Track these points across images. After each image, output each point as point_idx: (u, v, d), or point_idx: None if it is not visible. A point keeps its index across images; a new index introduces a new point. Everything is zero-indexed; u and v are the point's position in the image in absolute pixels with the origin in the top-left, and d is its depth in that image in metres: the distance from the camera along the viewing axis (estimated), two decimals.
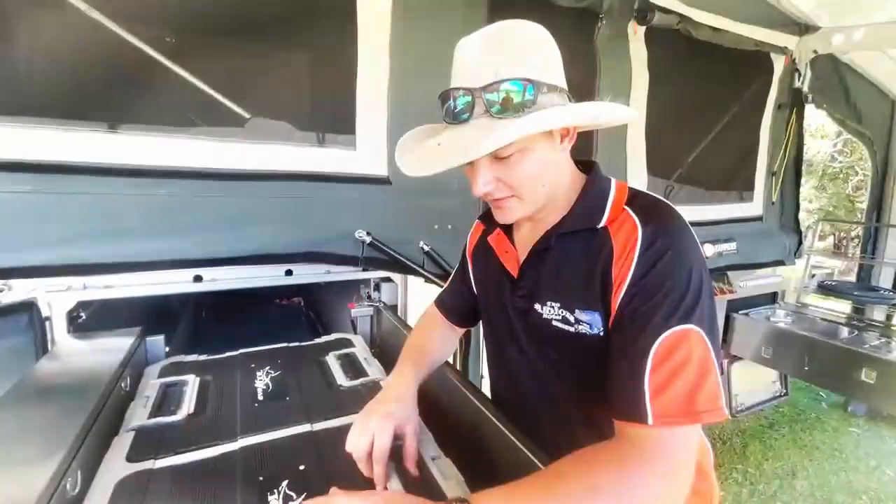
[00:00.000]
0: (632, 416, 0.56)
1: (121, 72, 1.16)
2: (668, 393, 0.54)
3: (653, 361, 0.56)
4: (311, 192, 1.35)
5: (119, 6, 1.10)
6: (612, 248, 0.64)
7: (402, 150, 0.76)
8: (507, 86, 0.61)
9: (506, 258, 0.81)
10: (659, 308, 0.58)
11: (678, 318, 0.57)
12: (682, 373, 0.55)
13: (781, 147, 2.63)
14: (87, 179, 1.09)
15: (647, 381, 0.55)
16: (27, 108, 1.06)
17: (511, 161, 0.65)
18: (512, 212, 0.71)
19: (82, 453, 0.66)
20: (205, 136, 1.23)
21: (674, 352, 0.55)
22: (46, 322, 1.08)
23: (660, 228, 0.62)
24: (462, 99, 0.63)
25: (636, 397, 0.55)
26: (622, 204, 0.68)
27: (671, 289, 0.58)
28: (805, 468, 2.53)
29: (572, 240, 0.70)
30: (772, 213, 2.71)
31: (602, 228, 0.67)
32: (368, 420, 0.68)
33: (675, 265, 0.59)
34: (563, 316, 0.69)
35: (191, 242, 1.19)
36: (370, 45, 1.39)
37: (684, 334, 0.56)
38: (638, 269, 0.60)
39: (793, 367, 2.36)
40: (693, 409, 0.54)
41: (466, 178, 0.72)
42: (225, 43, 1.30)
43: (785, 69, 2.52)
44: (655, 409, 0.54)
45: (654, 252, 0.60)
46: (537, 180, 0.67)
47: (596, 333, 0.66)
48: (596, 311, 0.65)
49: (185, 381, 0.98)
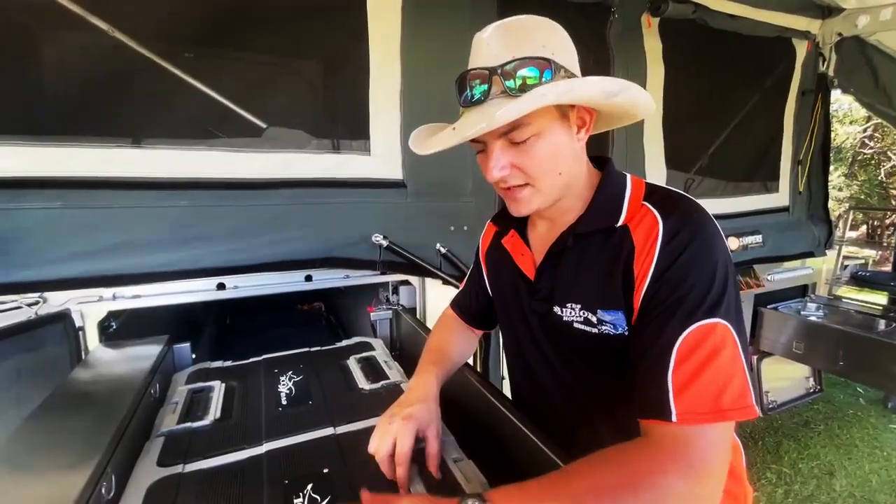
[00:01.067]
0: (655, 414, 0.54)
1: (143, 88, 1.20)
2: (692, 389, 0.52)
3: (676, 357, 0.54)
4: (327, 198, 1.37)
5: (140, 25, 1.14)
6: (633, 244, 0.62)
7: (416, 138, 0.75)
8: (526, 64, 0.59)
9: (521, 261, 0.80)
10: (683, 302, 0.56)
11: (703, 312, 0.55)
12: (708, 368, 0.53)
13: (807, 135, 2.54)
14: (114, 193, 1.13)
15: (670, 378, 0.54)
16: (56, 128, 1.11)
17: (526, 146, 0.63)
18: (527, 202, 0.68)
19: (116, 458, 0.68)
20: (224, 146, 1.26)
21: (699, 347, 0.54)
22: (80, 332, 1.13)
23: (681, 220, 0.60)
24: (479, 79, 0.62)
25: (659, 394, 0.54)
26: (640, 200, 0.66)
27: (696, 282, 0.56)
28: (843, 467, 2.43)
29: (590, 239, 0.69)
30: (799, 204, 2.62)
31: (621, 227, 0.65)
32: (391, 422, 0.68)
33: (698, 257, 0.57)
34: (584, 317, 0.68)
35: (213, 251, 1.23)
36: (381, 50, 1.41)
37: (710, 328, 0.54)
38: (660, 262, 0.59)
39: (826, 363, 2.28)
40: (719, 407, 0.51)
41: (480, 169, 0.71)
42: (240, 55, 1.33)
43: (808, 54, 2.43)
44: (679, 407, 0.52)
45: (677, 244, 0.58)
46: (553, 167, 0.65)
47: (620, 333, 0.64)
48: (619, 311, 0.64)
49: (212, 387, 1.00)
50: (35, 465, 0.63)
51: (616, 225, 0.66)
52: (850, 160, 8.96)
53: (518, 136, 0.62)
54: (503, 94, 0.61)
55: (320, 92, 1.50)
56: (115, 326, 1.21)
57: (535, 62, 0.60)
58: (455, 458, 0.73)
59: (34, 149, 1.06)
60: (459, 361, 0.93)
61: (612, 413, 0.71)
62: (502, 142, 0.64)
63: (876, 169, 8.77)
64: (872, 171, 8.84)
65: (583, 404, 0.74)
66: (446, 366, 0.87)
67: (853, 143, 8.81)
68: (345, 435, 0.82)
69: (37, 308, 1.07)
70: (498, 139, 0.64)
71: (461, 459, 0.73)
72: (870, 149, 8.77)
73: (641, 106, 0.68)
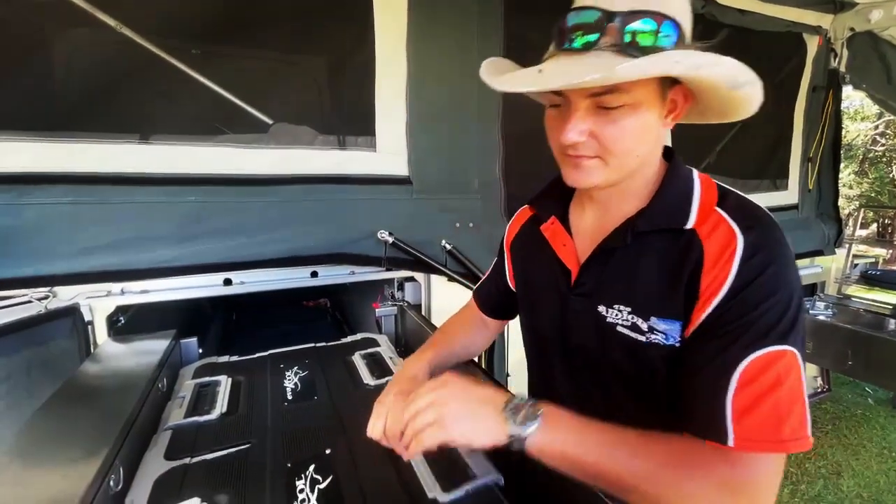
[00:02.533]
0: (709, 435, 0.52)
1: (150, 85, 1.21)
2: (754, 416, 0.50)
3: (740, 380, 0.51)
4: (333, 194, 1.37)
5: (147, 22, 1.14)
6: (703, 254, 0.57)
7: (488, 71, 0.64)
8: (658, 21, 0.51)
9: (563, 252, 0.72)
10: (754, 324, 0.52)
11: (775, 338, 0.52)
12: (772, 396, 0.50)
13: (817, 131, 2.51)
14: (122, 189, 1.13)
15: (730, 400, 0.51)
16: (65, 124, 1.12)
17: (615, 114, 0.56)
18: (590, 174, 0.61)
19: (124, 451, 0.69)
20: (230, 143, 1.27)
21: (765, 372, 0.51)
22: (89, 326, 1.14)
23: (762, 239, 0.55)
24: (591, 19, 0.53)
25: (716, 415, 0.51)
26: (713, 204, 0.60)
27: (771, 306, 0.53)
28: (851, 467, 2.41)
29: (652, 239, 0.62)
30: (808, 201, 2.60)
31: (689, 230, 0.59)
32: (383, 402, 0.68)
33: (776, 280, 0.54)
34: (632, 322, 0.63)
35: (220, 247, 1.23)
36: (388, 47, 1.41)
37: (779, 355, 0.51)
38: (737, 281, 0.54)
39: (835, 362, 2.26)
40: (780, 437, 0.49)
41: (546, 129, 0.63)
42: (247, 52, 1.33)
43: (819, 49, 2.40)
44: (739, 432, 0.50)
45: (756, 265, 0.54)
46: (634, 146, 0.58)
47: (671, 345, 0.60)
48: (677, 321, 0.59)
49: (218, 382, 1.01)
50: (45, 457, 0.64)
51: (684, 227, 0.60)
52: (860, 158, 8.85)
53: (610, 102, 0.55)
54: (613, 48, 0.53)
55: (326, 88, 1.50)
56: (123, 321, 1.22)
57: (669, 21, 0.52)
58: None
59: (44, 144, 1.07)
60: (463, 353, 0.91)
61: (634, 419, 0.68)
62: (589, 103, 0.56)
63: (887, 166, 8.65)
64: (883, 168, 8.72)
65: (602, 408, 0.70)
66: (442, 352, 0.85)
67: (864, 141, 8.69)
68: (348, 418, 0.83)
69: (46, 302, 1.08)
70: (586, 99, 0.56)
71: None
72: (881, 146, 8.64)
73: (748, 107, 0.58)
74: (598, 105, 0.56)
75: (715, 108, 0.62)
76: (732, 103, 0.58)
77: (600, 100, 0.55)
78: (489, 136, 1.56)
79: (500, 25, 1.53)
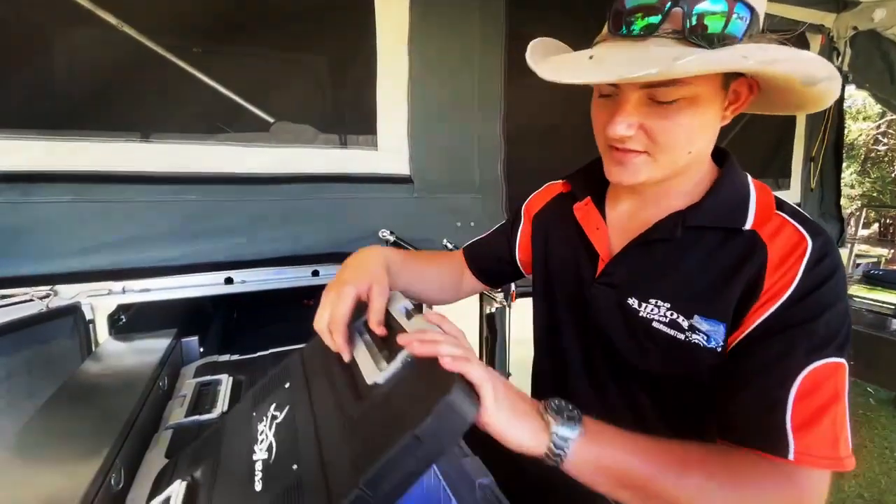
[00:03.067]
0: (768, 447, 0.49)
1: (152, 83, 1.21)
2: (815, 430, 0.48)
3: (799, 390, 0.49)
4: (334, 193, 1.37)
5: (148, 20, 1.14)
6: (767, 255, 0.54)
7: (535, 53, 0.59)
8: (730, 6, 0.46)
9: (596, 236, 0.68)
10: (815, 333, 0.50)
11: (834, 349, 0.50)
12: (831, 410, 0.48)
13: (820, 131, 2.50)
14: (123, 187, 1.13)
15: (789, 412, 0.49)
16: (66, 122, 1.12)
17: (670, 109, 0.51)
18: (637, 171, 0.57)
19: (125, 450, 0.69)
20: (232, 141, 1.27)
21: (824, 385, 0.49)
22: (90, 325, 1.14)
23: (828, 246, 0.53)
24: (650, 8, 0.48)
25: (775, 426, 0.49)
26: (771, 207, 0.57)
27: (833, 315, 0.51)
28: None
29: (703, 236, 0.59)
30: (811, 201, 2.59)
31: (749, 231, 0.56)
32: (326, 295, 0.61)
33: (837, 289, 0.52)
34: (671, 318, 0.59)
35: (221, 245, 1.23)
36: (389, 45, 1.40)
37: (835, 368, 0.49)
38: (801, 285, 0.51)
39: None
40: (837, 453, 0.48)
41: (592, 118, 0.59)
42: (248, 50, 1.33)
43: (822, 48, 2.39)
44: (799, 445, 0.48)
45: (823, 271, 0.52)
46: (688, 142, 0.54)
47: (713, 347, 0.56)
48: (722, 323, 0.55)
49: (219, 381, 1.01)
50: (45, 456, 0.64)
51: (743, 227, 0.57)
52: (862, 157, 8.83)
53: (666, 96, 0.50)
54: (674, 35, 0.48)
55: (328, 87, 1.50)
56: (124, 320, 1.22)
57: (742, 3, 0.47)
58: (406, 310, 0.61)
59: (45, 143, 1.07)
60: (430, 290, 0.83)
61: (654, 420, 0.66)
62: (642, 95, 0.52)
63: (889, 166, 8.63)
64: (885, 168, 8.70)
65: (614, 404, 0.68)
66: (412, 268, 0.78)
67: (866, 140, 8.67)
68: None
69: (48, 301, 1.08)
70: (638, 90, 0.52)
71: (413, 314, 0.61)
72: (883, 146, 8.63)
73: (824, 102, 0.54)
74: (651, 98, 0.52)
75: (782, 102, 0.57)
76: (804, 98, 0.53)
77: (654, 92, 0.51)
78: (491, 135, 1.55)
79: (503, 24, 1.52)
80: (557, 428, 0.47)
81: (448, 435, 0.43)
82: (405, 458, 0.41)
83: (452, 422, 0.43)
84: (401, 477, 0.42)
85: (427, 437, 0.41)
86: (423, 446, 0.41)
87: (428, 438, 0.41)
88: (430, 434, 0.41)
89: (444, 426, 0.42)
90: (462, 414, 0.43)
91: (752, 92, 0.55)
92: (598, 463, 0.48)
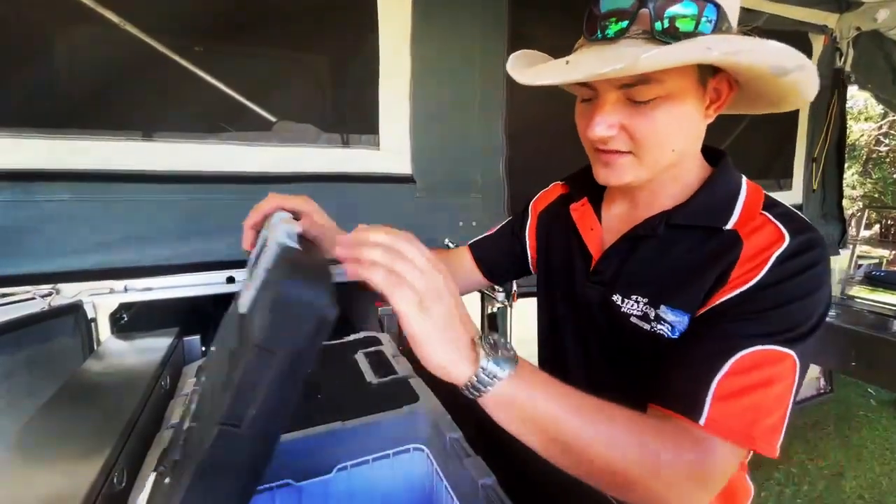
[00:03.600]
0: (682, 409, 0.50)
1: (153, 82, 1.21)
2: (733, 403, 0.48)
3: (733, 366, 0.49)
4: (336, 192, 1.37)
5: (150, 19, 1.14)
6: (741, 251, 0.54)
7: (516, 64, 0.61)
8: (698, 4, 0.47)
9: (589, 236, 0.70)
10: (766, 320, 0.50)
11: (782, 340, 0.50)
12: (758, 393, 0.49)
13: (822, 132, 2.49)
14: (125, 186, 1.13)
15: (714, 383, 0.49)
16: (68, 120, 1.12)
17: (647, 107, 0.52)
18: (622, 172, 0.58)
19: (126, 450, 0.69)
20: (234, 140, 1.26)
21: (760, 367, 0.49)
22: (92, 323, 1.14)
23: (807, 244, 0.52)
24: (624, 5, 0.49)
25: (697, 392, 0.49)
26: (758, 208, 0.57)
27: (792, 310, 0.50)
28: (853, 468, 2.41)
29: (685, 234, 0.60)
30: (813, 202, 2.58)
31: (729, 231, 0.56)
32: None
33: (806, 287, 0.51)
34: (644, 312, 0.60)
35: (222, 244, 1.23)
36: (391, 44, 1.40)
37: (780, 357, 0.49)
38: (767, 276, 0.52)
39: (838, 363, 2.25)
40: (749, 432, 0.48)
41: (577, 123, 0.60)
42: (250, 49, 1.33)
43: (824, 49, 2.38)
44: (712, 412, 0.48)
45: (793, 266, 0.51)
46: (669, 140, 0.55)
47: (676, 338, 0.57)
48: (687, 314, 0.56)
49: None
50: (47, 455, 0.64)
51: (724, 227, 0.57)
52: (864, 158, 8.81)
53: (641, 95, 0.52)
54: (644, 35, 0.50)
55: (330, 86, 1.50)
56: (126, 318, 1.22)
57: (712, 4, 0.48)
58: (289, 234, 0.56)
59: (47, 142, 1.07)
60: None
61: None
62: (619, 95, 0.53)
63: (891, 167, 8.62)
64: (887, 169, 8.68)
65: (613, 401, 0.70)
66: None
67: (868, 141, 8.66)
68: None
69: (50, 299, 1.08)
70: (615, 90, 0.53)
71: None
72: (885, 146, 8.61)
73: (801, 94, 0.54)
74: (629, 98, 0.53)
75: (764, 97, 0.57)
76: (782, 91, 0.53)
77: (631, 92, 0.52)
78: (493, 135, 1.55)
79: (505, 23, 1.52)
80: (487, 363, 0.42)
81: (301, 336, 0.37)
82: (260, 374, 0.36)
83: (297, 320, 0.37)
84: (265, 397, 0.37)
85: (273, 344, 0.36)
86: (276, 356, 0.36)
87: (275, 345, 0.36)
88: (273, 339, 0.36)
89: (288, 326, 0.36)
90: (309, 307, 0.37)
91: (733, 88, 0.56)
92: (517, 405, 0.44)
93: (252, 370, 0.36)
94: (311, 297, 0.37)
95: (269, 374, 0.37)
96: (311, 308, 0.37)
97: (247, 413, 0.36)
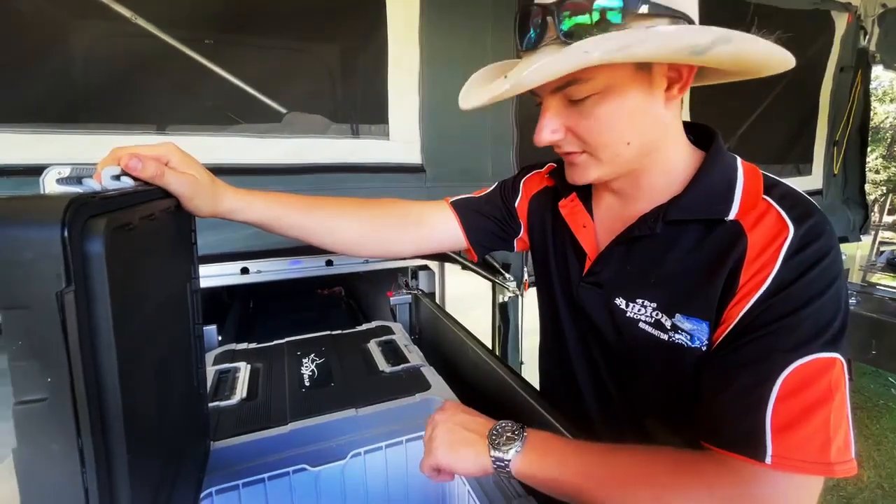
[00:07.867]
0: (742, 449, 0.45)
1: (165, 75, 1.22)
2: (798, 432, 0.44)
3: (781, 389, 0.45)
4: (346, 182, 1.37)
5: (161, 13, 1.15)
6: (747, 246, 0.51)
7: (468, 86, 0.63)
8: (585, 2, 0.47)
9: (583, 234, 0.67)
10: (798, 327, 0.46)
11: (822, 344, 0.46)
12: (820, 411, 0.44)
13: (844, 114, 2.41)
14: None
15: (769, 412, 0.45)
16: (83, 115, 1.14)
17: (585, 106, 0.51)
18: (584, 171, 0.57)
19: None
20: (244, 132, 1.27)
21: (812, 383, 0.45)
22: None
23: (815, 231, 0.49)
24: (534, 19, 0.51)
25: (753, 427, 0.45)
26: (759, 193, 0.54)
27: (819, 306, 0.47)
28: (872, 458, 2.38)
29: (686, 229, 0.56)
30: (834, 186, 2.51)
31: (732, 221, 0.53)
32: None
33: (826, 278, 0.48)
34: (656, 319, 0.57)
35: (236, 236, 1.25)
36: (401, 34, 1.39)
37: (827, 364, 0.45)
38: (780, 276, 0.48)
39: (858, 352, 2.21)
40: (826, 458, 0.43)
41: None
42: (259, 41, 1.33)
43: (848, 27, 2.30)
44: (778, 448, 0.44)
45: (804, 260, 0.48)
46: (619, 135, 0.53)
47: (696, 347, 0.54)
48: (705, 321, 0.53)
49: (238, 368, 1.03)
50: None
51: (726, 218, 0.53)
52: (888, 141, 8.52)
53: (575, 94, 0.51)
54: (556, 40, 0.49)
55: (339, 77, 1.49)
56: None
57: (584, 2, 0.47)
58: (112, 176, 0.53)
59: (63, 136, 1.09)
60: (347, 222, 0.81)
61: (646, 432, 0.64)
62: (558, 99, 0.53)
63: None
64: None
65: (615, 409, 0.67)
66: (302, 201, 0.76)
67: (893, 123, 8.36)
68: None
69: None
70: (552, 94, 0.53)
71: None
72: None
73: (758, 59, 0.51)
74: (568, 98, 0.53)
75: (724, 69, 0.54)
76: (732, 63, 0.50)
77: (567, 93, 0.52)
78: (503, 124, 1.54)
79: (515, 11, 1.49)
80: (493, 452, 0.53)
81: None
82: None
83: None
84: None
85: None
86: None
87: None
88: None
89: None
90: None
91: (691, 68, 0.53)
92: (540, 476, 0.52)
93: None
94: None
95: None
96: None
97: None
